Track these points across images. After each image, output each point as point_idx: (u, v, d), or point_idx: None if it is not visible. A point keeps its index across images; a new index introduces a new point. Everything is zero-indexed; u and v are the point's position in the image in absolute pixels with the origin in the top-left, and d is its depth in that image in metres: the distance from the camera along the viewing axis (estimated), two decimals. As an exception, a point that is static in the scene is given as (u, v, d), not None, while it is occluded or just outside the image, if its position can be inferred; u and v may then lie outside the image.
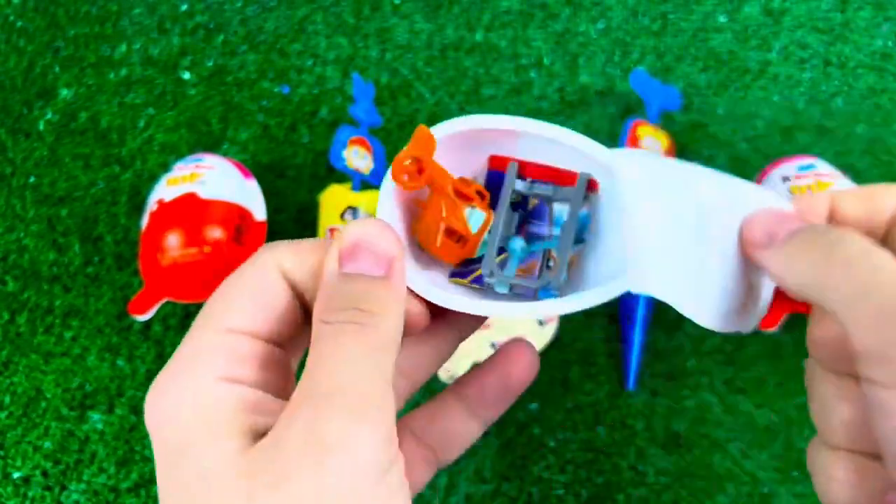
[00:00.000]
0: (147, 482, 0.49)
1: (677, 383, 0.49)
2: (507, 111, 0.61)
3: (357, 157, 0.54)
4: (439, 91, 0.63)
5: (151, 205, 0.52)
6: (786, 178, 0.48)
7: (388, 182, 0.28)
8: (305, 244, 0.23)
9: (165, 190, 0.51)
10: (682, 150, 0.58)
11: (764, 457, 0.46)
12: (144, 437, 0.50)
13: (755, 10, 0.64)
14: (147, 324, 0.54)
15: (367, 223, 0.22)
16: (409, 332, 0.23)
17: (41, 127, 0.63)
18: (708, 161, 0.57)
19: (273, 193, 0.58)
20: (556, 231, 0.29)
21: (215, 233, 0.49)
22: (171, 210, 0.50)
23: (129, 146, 0.62)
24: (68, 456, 0.50)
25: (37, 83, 0.66)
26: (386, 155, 0.59)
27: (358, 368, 0.19)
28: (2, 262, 0.58)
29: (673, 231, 0.26)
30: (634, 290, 0.26)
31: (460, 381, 0.27)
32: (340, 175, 0.59)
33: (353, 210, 0.53)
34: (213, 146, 0.61)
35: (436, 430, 0.26)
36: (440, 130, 0.29)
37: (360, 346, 0.20)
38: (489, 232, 0.28)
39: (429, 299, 0.25)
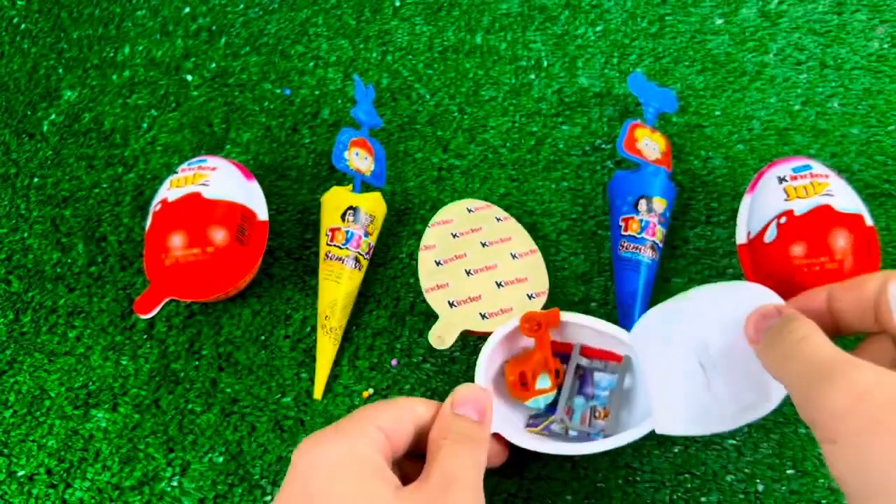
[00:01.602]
0: (150, 480, 0.49)
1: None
2: (506, 113, 0.61)
3: (358, 159, 0.55)
4: (439, 93, 0.63)
5: (155, 205, 0.52)
6: (782, 179, 0.49)
7: (485, 352, 0.46)
8: (402, 417, 0.37)
9: (169, 191, 0.52)
10: (678, 151, 0.59)
11: (759, 454, 0.47)
12: (148, 436, 0.51)
13: (752, 12, 0.65)
14: (150, 323, 0.54)
15: (472, 388, 0.39)
16: (491, 462, 0.40)
17: (45, 128, 0.64)
18: (704, 162, 0.58)
19: (275, 194, 0.59)
20: (598, 392, 0.46)
21: (218, 233, 0.50)
22: (175, 210, 0.50)
23: (133, 147, 0.62)
24: (72, 454, 0.50)
25: (41, 85, 0.66)
26: (386, 156, 0.60)
27: (469, 463, 0.35)
28: (6, 261, 0.58)
29: (680, 378, 0.39)
30: (660, 431, 0.40)
31: None
32: (342, 176, 0.60)
33: (354, 210, 0.53)
34: (215, 147, 0.62)
35: None
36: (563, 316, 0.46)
37: (470, 451, 0.35)
38: (559, 391, 0.46)
39: (513, 441, 0.42)
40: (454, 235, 0.52)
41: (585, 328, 0.46)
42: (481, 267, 0.50)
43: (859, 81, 0.61)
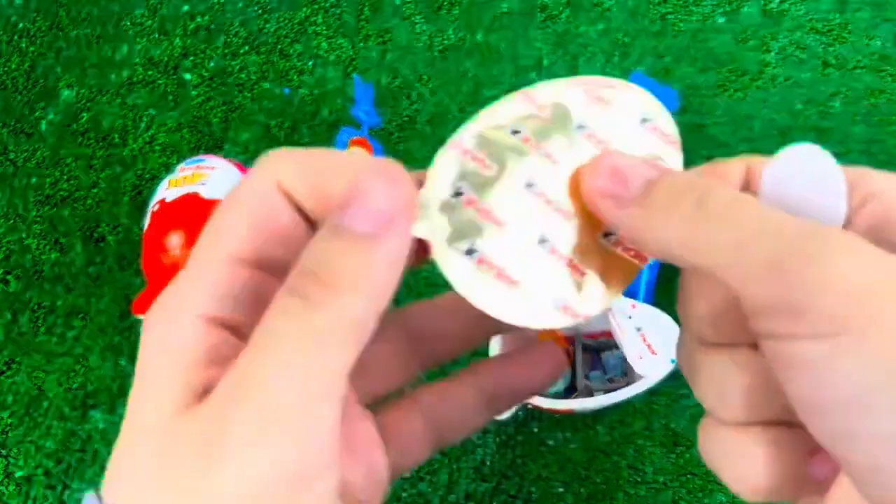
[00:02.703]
0: (149, 481, 0.49)
1: (676, 382, 0.49)
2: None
3: (358, 158, 0.55)
4: (439, 92, 0.63)
5: (153, 205, 0.52)
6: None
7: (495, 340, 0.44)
8: (308, 156, 0.19)
9: (167, 191, 0.52)
10: (681, 150, 0.58)
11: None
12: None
13: (754, 11, 0.64)
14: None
15: (384, 166, 0.18)
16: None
17: (43, 127, 0.64)
18: (706, 161, 0.58)
19: (274, 194, 0.58)
20: (609, 368, 0.52)
21: (217, 233, 0.50)
22: (173, 210, 0.50)
23: (131, 147, 0.62)
24: (70, 455, 0.50)
25: (39, 84, 0.66)
26: (387, 155, 0.60)
27: (284, 372, 0.16)
28: (4, 261, 0.58)
29: None
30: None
31: (479, 369, 0.25)
32: (341, 175, 0.59)
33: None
34: (214, 147, 0.61)
35: (444, 410, 0.24)
36: None
37: (298, 335, 0.16)
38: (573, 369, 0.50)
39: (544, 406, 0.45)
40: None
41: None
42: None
43: (862, 80, 0.60)
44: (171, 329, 0.18)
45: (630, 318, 0.48)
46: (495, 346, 0.45)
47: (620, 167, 0.19)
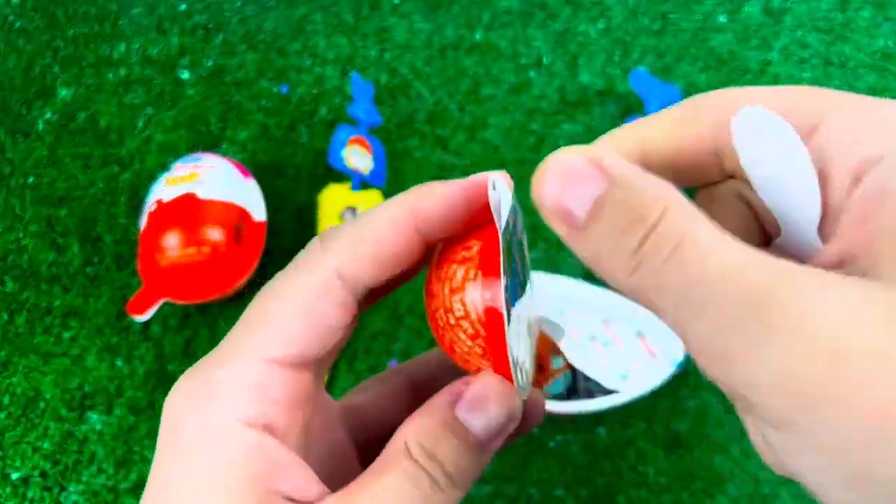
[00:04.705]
0: (146, 483, 0.48)
1: (678, 384, 0.49)
2: (506, 111, 0.61)
3: (357, 157, 0.54)
4: (439, 90, 0.62)
5: (150, 205, 0.51)
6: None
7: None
8: (368, 237, 0.19)
9: (164, 190, 0.51)
10: (682, 149, 0.58)
11: (764, 457, 0.46)
12: (143, 438, 0.50)
13: (755, 9, 0.64)
14: (146, 324, 0.54)
15: (497, 384, 0.19)
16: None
17: (40, 127, 0.63)
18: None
19: (272, 193, 0.58)
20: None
21: (214, 233, 0.49)
22: (170, 210, 0.50)
23: (128, 146, 0.62)
24: (67, 456, 0.50)
25: (36, 83, 0.65)
26: (386, 154, 0.59)
27: None
28: (1, 262, 0.58)
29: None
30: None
31: None
32: (339, 175, 0.59)
33: (353, 210, 0.53)
34: (211, 146, 0.61)
35: None
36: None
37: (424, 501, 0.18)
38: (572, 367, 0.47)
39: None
40: None
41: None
42: None
43: (864, 79, 0.60)
44: (216, 437, 0.17)
45: (630, 322, 0.48)
46: None
47: (571, 172, 0.17)
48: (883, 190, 0.14)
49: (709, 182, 0.19)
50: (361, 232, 0.19)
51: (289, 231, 0.57)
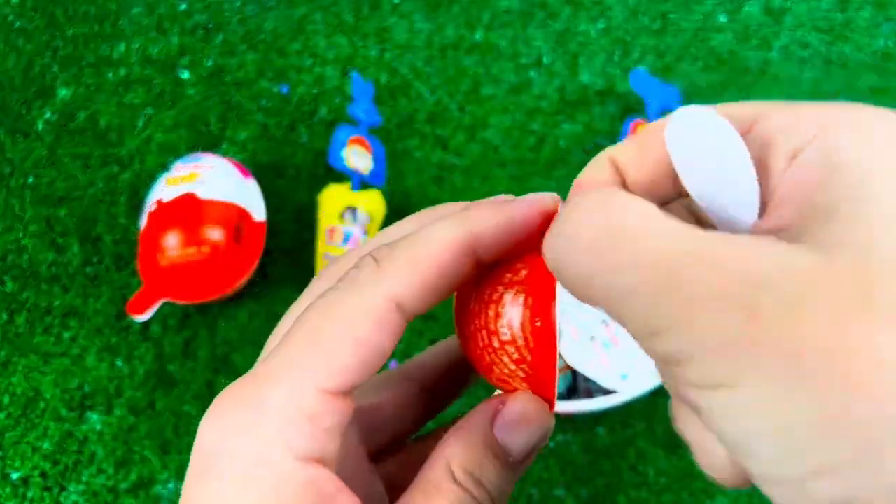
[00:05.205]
0: (146, 483, 0.48)
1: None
2: (506, 111, 0.61)
3: (356, 157, 0.54)
4: (439, 90, 0.62)
5: (150, 205, 0.51)
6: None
7: None
8: (425, 261, 0.18)
9: (164, 190, 0.51)
10: (682, 149, 0.58)
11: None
12: (143, 438, 0.50)
13: (756, 9, 0.64)
14: (146, 324, 0.54)
15: (534, 404, 0.19)
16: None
17: (40, 127, 0.63)
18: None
19: (272, 193, 0.58)
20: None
21: (214, 233, 0.49)
22: (170, 210, 0.50)
23: (128, 146, 0.62)
24: (67, 457, 0.50)
25: (35, 83, 0.65)
26: (386, 154, 0.59)
27: None
28: (1, 262, 0.58)
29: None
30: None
31: (414, 365, 0.25)
32: (339, 175, 0.59)
33: (353, 210, 0.53)
34: (211, 146, 0.61)
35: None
36: None
37: None
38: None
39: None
40: None
41: None
42: None
43: (864, 79, 0.60)
44: (267, 470, 0.16)
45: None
46: None
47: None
48: (810, 168, 0.15)
49: (667, 200, 0.20)
50: (419, 254, 0.18)
51: (289, 231, 0.57)
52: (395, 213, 0.57)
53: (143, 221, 0.51)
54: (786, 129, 0.16)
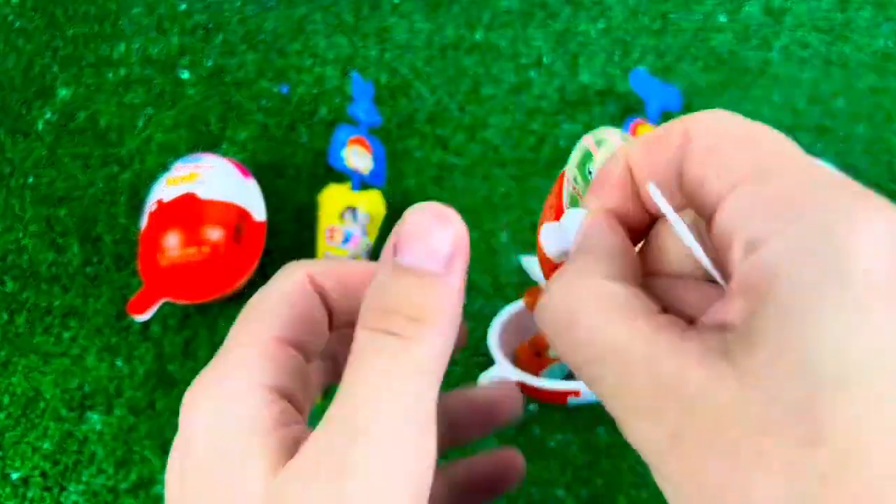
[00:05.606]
0: (146, 483, 0.48)
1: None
2: (506, 111, 0.61)
3: (356, 157, 0.54)
4: (439, 90, 0.62)
5: (150, 205, 0.51)
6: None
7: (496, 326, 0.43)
8: (335, 259, 0.23)
9: (164, 190, 0.51)
10: (682, 149, 0.58)
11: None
12: (143, 438, 0.50)
13: (756, 9, 0.64)
14: (146, 324, 0.54)
15: (433, 211, 0.18)
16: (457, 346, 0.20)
17: (40, 127, 0.63)
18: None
19: (272, 193, 0.58)
20: None
21: (214, 233, 0.49)
22: (170, 210, 0.50)
23: (128, 146, 0.62)
24: (67, 457, 0.50)
25: (35, 83, 0.65)
26: (386, 154, 0.59)
27: (395, 401, 0.17)
28: (1, 262, 0.58)
29: None
30: None
31: (452, 462, 0.26)
32: (339, 175, 0.59)
33: (353, 210, 0.53)
34: (212, 146, 0.61)
35: None
36: None
37: (401, 369, 0.17)
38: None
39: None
40: None
41: None
42: None
43: (864, 79, 0.60)
44: (241, 399, 0.19)
45: None
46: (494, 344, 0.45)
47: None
48: (758, 273, 0.15)
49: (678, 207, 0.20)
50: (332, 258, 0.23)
51: (289, 231, 0.57)
52: (395, 213, 0.57)
53: (144, 221, 0.51)
54: (749, 215, 0.16)
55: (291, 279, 0.21)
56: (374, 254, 0.55)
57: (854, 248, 0.14)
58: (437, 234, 0.18)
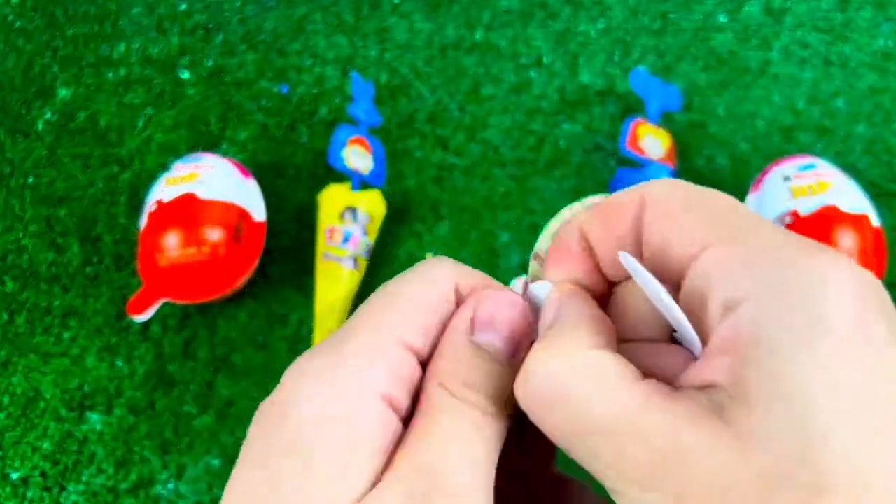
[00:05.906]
0: (146, 483, 0.48)
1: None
2: (506, 111, 0.61)
3: (356, 157, 0.54)
4: (439, 90, 0.62)
5: (150, 205, 0.51)
6: (786, 178, 0.48)
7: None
8: (478, 273, 0.21)
9: (164, 190, 0.51)
10: (682, 149, 0.58)
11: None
12: (143, 438, 0.50)
13: (756, 9, 0.64)
14: (146, 324, 0.54)
15: (506, 299, 0.20)
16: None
17: (40, 127, 0.63)
18: (708, 160, 0.57)
19: (272, 193, 0.58)
20: None
21: (214, 233, 0.49)
22: (170, 210, 0.50)
23: (128, 146, 0.62)
24: (67, 457, 0.50)
25: (35, 83, 0.65)
26: (386, 154, 0.59)
27: (468, 460, 0.18)
28: (1, 262, 0.58)
29: None
30: None
31: None
32: (339, 175, 0.59)
33: (353, 210, 0.52)
34: (211, 146, 0.61)
35: None
36: None
37: (478, 437, 0.18)
38: None
39: None
40: None
41: None
42: None
43: (865, 79, 0.60)
44: (355, 409, 0.18)
45: None
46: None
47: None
48: (737, 334, 0.15)
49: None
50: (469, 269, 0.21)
51: (289, 231, 0.57)
52: (395, 213, 0.57)
53: (143, 221, 0.51)
54: (722, 275, 0.16)
55: (438, 287, 0.20)
56: (374, 254, 0.55)
57: (827, 304, 0.15)
58: (514, 320, 0.20)
